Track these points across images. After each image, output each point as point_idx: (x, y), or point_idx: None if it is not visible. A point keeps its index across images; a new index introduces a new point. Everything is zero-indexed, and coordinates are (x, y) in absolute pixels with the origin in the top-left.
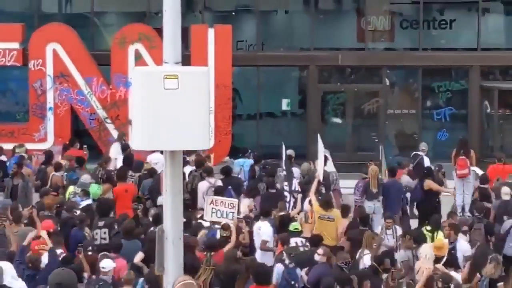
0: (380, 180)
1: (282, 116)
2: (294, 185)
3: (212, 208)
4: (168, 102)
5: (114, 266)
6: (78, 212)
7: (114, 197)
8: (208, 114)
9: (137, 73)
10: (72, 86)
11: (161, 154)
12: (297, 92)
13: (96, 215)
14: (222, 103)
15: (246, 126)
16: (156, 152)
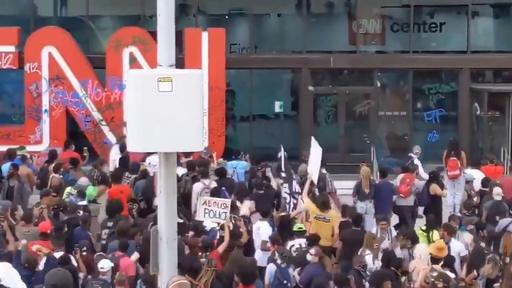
0: (372, 181)
1: (275, 118)
2: (294, 186)
3: (205, 208)
4: (162, 104)
5: (112, 265)
6: (82, 212)
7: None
8: (202, 116)
9: (131, 75)
10: (67, 89)
11: None
12: (289, 94)
13: (105, 215)
14: (215, 105)
15: (239, 128)
16: (156, 153)
